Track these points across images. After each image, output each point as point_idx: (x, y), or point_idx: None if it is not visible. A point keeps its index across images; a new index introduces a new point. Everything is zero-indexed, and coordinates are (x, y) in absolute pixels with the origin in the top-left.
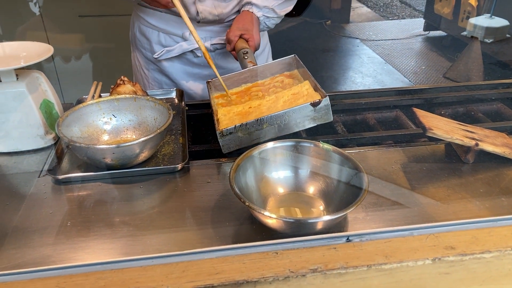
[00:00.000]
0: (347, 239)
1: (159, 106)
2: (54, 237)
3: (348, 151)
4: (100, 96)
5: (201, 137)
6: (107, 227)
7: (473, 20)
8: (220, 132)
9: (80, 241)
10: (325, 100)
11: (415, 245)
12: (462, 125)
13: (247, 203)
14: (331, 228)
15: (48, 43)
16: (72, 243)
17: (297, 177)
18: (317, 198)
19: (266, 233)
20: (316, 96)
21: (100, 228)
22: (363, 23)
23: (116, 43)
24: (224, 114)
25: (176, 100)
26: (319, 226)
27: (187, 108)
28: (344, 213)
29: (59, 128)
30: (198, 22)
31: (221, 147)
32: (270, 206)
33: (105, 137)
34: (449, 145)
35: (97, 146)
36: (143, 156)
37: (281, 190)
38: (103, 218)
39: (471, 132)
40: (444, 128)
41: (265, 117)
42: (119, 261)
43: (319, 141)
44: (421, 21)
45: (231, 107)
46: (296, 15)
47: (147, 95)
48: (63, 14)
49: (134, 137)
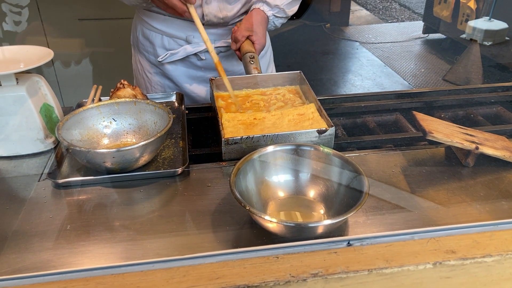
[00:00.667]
0: (348, 243)
1: (159, 110)
2: (54, 242)
3: (348, 155)
4: (100, 100)
5: (201, 141)
6: (107, 231)
7: (472, 23)
8: (226, 141)
9: (80, 246)
10: (331, 130)
11: (416, 249)
12: (462, 129)
13: (248, 207)
14: (332, 232)
15: (48, 48)
16: (72, 248)
17: (298, 181)
18: (318, 202)
19: (267, 237)
20: (321, 122)
21: (100, 233)
22: (362, 26)
23: (116, 47)
24: (228, 120)
25: (176, 104)
26: (320, 230)
27: (187, 112)
28: (345, 217)
29: (59, 132)
30: (203, 25)
31: (223, 154)
32: (271, 210)
33: (105, 141)
34: (449, 149)
35: (97, 150)
36: (143, 160)
37: (282, 194)
38: (103, 222)
39: (471, 136)
40: (444, 132)
41: (271, 135)
42: (120, 266)
43: (320, 145)
44: (420, 24)
45: (236, 114)
46: (296, 18)
47: (147, 99)
48: (63, 18)
49: (134, 141)
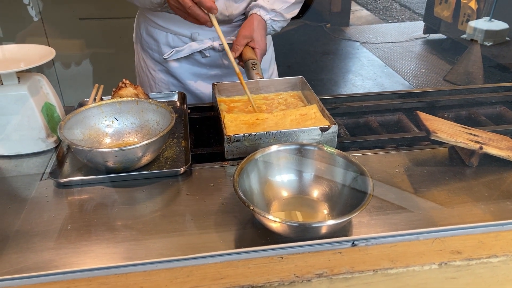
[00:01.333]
0: (353, 244)
1: (161, 109)
2: (56, 241)
3: (351, 155)
4: (102, 99)
5: (204, 140)
6: (110, 231)
7: (473, 23)
8: (228, 138)
9: (83, 245)
10: (334, 128)
11: (421, 250)
12: (466, 128)
13: (252, 207)
14: (336, 232)
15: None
16: (75, 247)
17: (301, 181)
18: (321, 202)
19: (271, 237)
20: (324, 121)
21: (103, 232)
22: (363, 26)
23: (117, 46)
24: (231, 120)
25: (178, 103)
26: (324, 230)
27: (189, 111)
28: (350, 217)
29: (61, 131)
30: None
31: (225, 152)
32: (274, 210)
33: (107, 140)
34: (452, 149)
35: (100, 149)
36: (146, 160)
37: (285, 194)
38: (105, 222)
39: (475, 136)
40: (448, 132)
41: (274, 132)
42: (123, 266)
43: (323, 145)
44: (421, 24)
45: (238, 115)
46: (296, 18)
47: (149, 98)
48: (64, 17)
49: (136, 140)
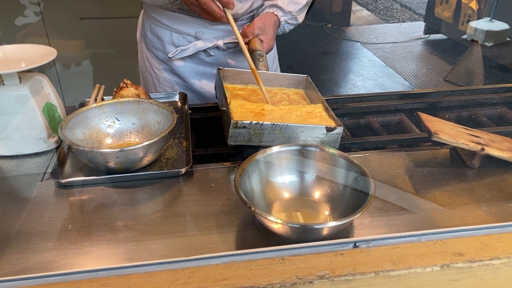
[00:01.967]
0: (354, 245)
1: (163, 110)
2: (57, 242)
3: (352, 155)
4: (103, 99)
5: (205, 141)
6: (111, 232)
7: (474, 24)
8: (235, 123)
9: (84, 246)
10: (339, 129)
11: (423, 251)
12: (468, 130)
13: (253, 208)
14: (337, 234)
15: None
16: (76, 248)
17: (303, 182)
18: (323, 203)
19: (272, 239)
20: (329, 121)
21: (104, 233)
22: (364, 26)
23: (118, 46)
24: (237, 107)
25: (179, 104)
26: (326, 232)
27: (190, 112)
28: (352, 219)
29: (62, 131)
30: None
31: (228, 138)
32: (276, 211)
33: (108, 141)
34: (454, 150)
35: (101, 150)
36: (147, 160)
37: (286, 195)
38: (107, 223)
39: (477, 137)
40: (450, 133)
41: (281, 124)
42: (124, 267)
43: (325, 146)
44: (422, 24)
45: (244, 102)
46: None
47: (150, 99)
48: (64, 17)
49: (138, 141)
